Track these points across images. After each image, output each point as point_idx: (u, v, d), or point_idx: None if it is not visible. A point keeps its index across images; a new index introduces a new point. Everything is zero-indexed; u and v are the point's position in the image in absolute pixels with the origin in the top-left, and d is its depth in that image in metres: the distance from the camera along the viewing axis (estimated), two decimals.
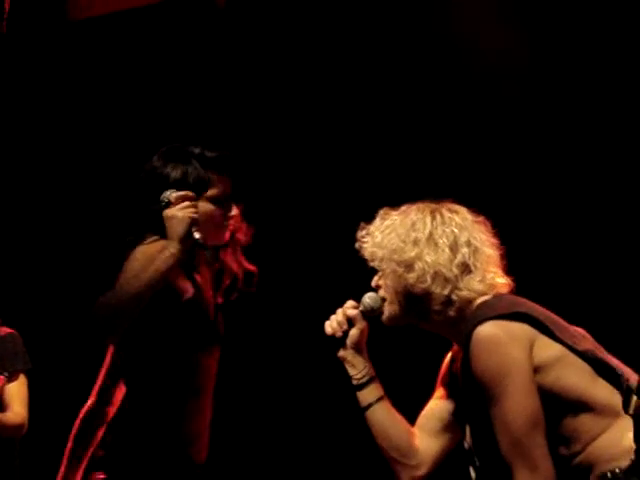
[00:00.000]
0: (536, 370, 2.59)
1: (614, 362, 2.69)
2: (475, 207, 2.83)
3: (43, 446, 4.43)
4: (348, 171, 4.72)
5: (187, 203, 3.22)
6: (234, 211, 3.34)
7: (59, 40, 5.09)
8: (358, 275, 2.89)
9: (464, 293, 2.70)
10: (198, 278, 3.35)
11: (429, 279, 2.70)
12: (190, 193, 3.25)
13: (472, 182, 4.33)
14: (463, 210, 2.81)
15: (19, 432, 4.05)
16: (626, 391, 2.49)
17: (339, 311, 2.92)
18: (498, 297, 2.72)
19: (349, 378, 2.91)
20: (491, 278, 2.73)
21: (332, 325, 2.91)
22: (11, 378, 4.00)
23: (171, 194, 3.24)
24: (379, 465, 4.49)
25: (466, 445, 2.78)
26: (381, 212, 2.84)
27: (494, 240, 2.80)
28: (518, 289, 2.79)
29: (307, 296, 4.55)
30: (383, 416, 2.87)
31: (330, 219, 4.62)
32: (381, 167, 4.65)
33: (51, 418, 4.64)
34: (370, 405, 2.88)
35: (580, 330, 2.76)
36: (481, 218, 2.81)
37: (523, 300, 2.71)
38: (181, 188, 3.28)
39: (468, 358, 2.62)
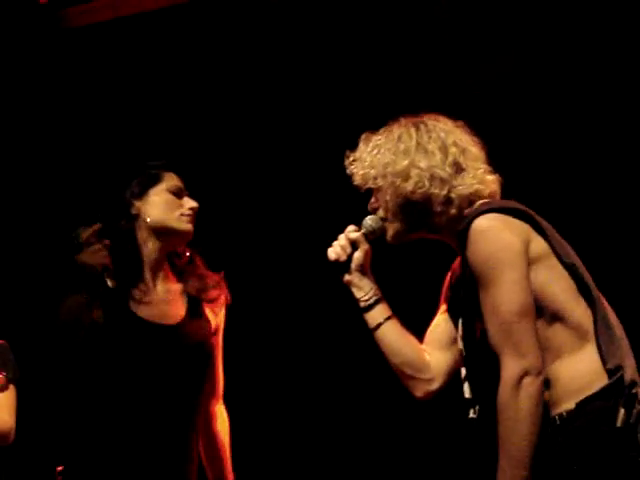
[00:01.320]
0: (529, 266, 2.62)
1: (590, 281, 2.72)
2: None
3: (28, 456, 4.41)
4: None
5: (98, 247, 3.23)
6: (194, 203, 3.33)
7: (52, 48, 5.09)
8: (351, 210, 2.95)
9: (461, 189, 2.76)
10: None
11: (427, 182, 2.76)
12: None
13: None
14: (443, 117, 2.88)
15: (5, 441, 3.99)
16: (612, 404, 2.54)
17: (341, 236, 2.96)
18: (499, 200, 2.80)
19: (356, 301, 2.95)
20: (481, 173, 2.80)
21: (335, 250, 2.94)
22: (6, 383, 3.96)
23: (81, 233, 3.25)
24: (380, 466, 4.61)
25: (460, 345, 2.82)
26: (363, 137, 2.89)
27: (477, 140, 2.87)
28: None
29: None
30: (393, 334, 2.91)
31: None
32: None
33: (38, 428, 4.61)
34: (379, 325, 2.91)
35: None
36: (460, 122, 2.88)
37: (523, 205, 2.77)
38: (138, 187, 3.33)
39: (465, 249, 2.66)
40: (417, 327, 2.99)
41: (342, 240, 2.95)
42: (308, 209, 4.72)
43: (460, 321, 2.79)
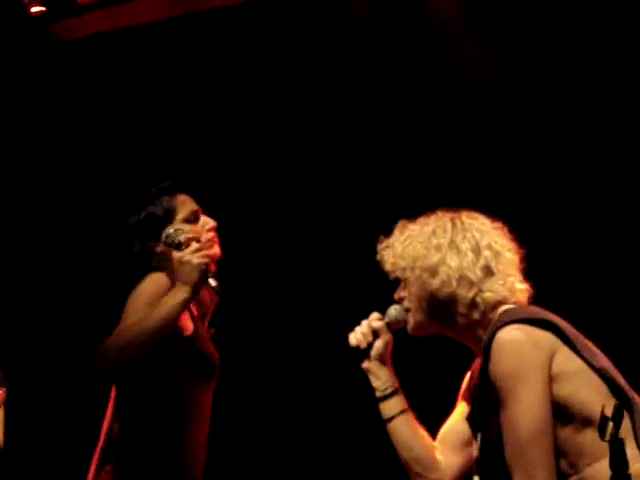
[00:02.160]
0: (554, 379, 2.58)
1: (623, 382, 2.70)
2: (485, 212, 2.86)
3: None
4: (362, 182, 4.74)
5: (197, 246, 3.14)
6: (211, 222, 3.31)
7: (44, 61, 5.07)
8: (380, 290, 2.90)
9: (488, 295, 2.71)
10: (194, 312, 3.31)
11: (454, 282, 2.71)
12: (197, 234, 3.21)
13: (478, 189, 4.36)
14: (481, 216, 2.83)
15: None
16: (602, 418, 2.50)
17: (364, 322, 2.92)
18: (524, 307, 2.75)
19: (372, 390, 2.90)
20: (512, 282, 2.75)
21: (357, 336, 2.90)
22: None
23: (178, 233, 3.18)
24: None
25: (475, 454, 2.77)
26: (399, 224, 2.86)
27: (513, 245, 2.82)
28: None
29: (328, 310, 4.54)
30: (406, 429, 2.86)
31: (348, 233, 4.63)
32: (389, 178, 4.67)
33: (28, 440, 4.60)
34: (393, 417, 2.87)
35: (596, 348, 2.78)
36: (499, 224, 2.83)
37: (548, 312, 2.72)
38: (154, 228, 3.27)
39: (487, 360, 2.61)
40: (433, 420, 2.94)
41: (364, 327, 2.91)
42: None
43: (478, 432, 2.73)
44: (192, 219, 3.28)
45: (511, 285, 2.74)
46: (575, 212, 4.43)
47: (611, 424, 2.45)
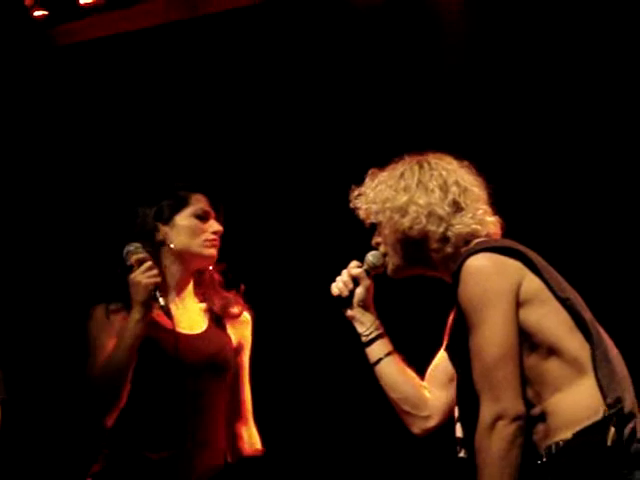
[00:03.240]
0: (521, 306, 2.62)
1: (588, 316, 2.70)
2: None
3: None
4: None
5: (148, 265, 3.24)
6: (218, 227, 3.41)
7: (46, 66, 5.11)
8: (358, 243, 2.98)
9: (458, 227, 2.77)
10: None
11: (424, 219, 2.78)
12: (148, 256, 3.28)
13: None
14: (447, 156, 2.90)
15: None
16: (603, 420, 2.55)
17: (344, 272, 3.01)
18: (494, 239, 2.80)
19: (358, 336, 2.99)
20: (481, 214, 2.81)
21: (338, 286, 3.00)
22: None
23: (130, 255, 3.26)
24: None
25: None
26: (369, 172, 2.93)
27: (481, 181, 2.88)
28: None
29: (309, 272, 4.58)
30: (393, 369, 2.94)
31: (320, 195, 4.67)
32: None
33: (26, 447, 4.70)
34: (379, 360, 2.95)
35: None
36: (466, 162, 2.90)
37: (519, 244, 2.75)
38: (164, 211, 3.38)
39: (457, 287, 2.66)
40: (420, 362, 3.01)
41: (344, 276, 3.00)
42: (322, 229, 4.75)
43: (455, 361, 2.80)
44: (201, 216, 3.38)
45: (481, 217, 2.80)
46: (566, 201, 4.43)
47: (613, 429, 2.52)
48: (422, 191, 2.80)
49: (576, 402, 2.59)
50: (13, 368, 3.75)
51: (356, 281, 2.99)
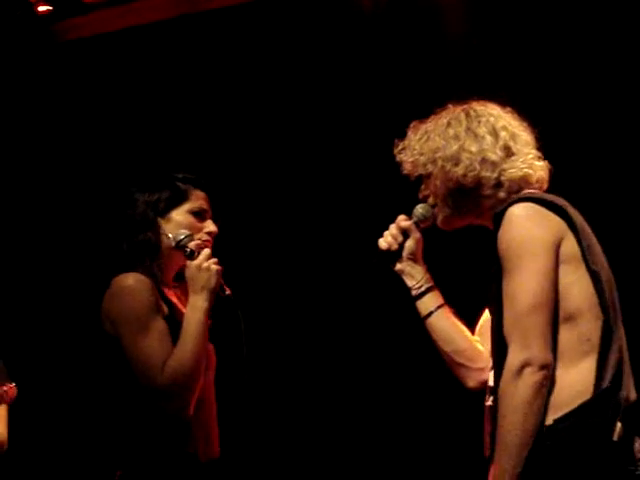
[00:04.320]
0: (559, 264, 2.58)
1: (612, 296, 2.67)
2: None
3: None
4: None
5: (209, 252, 3.16)
6: (213, 228, 3.28)
7: (50, 61, 5.10)
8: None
9: (511, 171, 2.76)
10: (172, 297, 3.28)
11: (478, 166, 2.75)
12: (207, 245, 3.20)
13: None
14: (492, 103, 2.88)
15: (1, 451, 3.95)
16: (612, 411, 2.53)
17: (392, 226, 2.96)
18: (543, 193, 2.78)
19: (408, 290, 2.94)
20: (531, 159, 2.79)
21: (387, 239, 2.95)
22: None
23: (188, 240, 3.18)
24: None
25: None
26: (411, 125, 2.90)
27: (526, 125, 2.86)
28: None
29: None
30: (445, 322, 2.90)
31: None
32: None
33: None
34: (431, 313, 2.91)
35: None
36: (510, 108, 2.88)
37: (566, 201, 2.72)
38: (162, 204, 3.27)
39: (497, 231, 2.63)
40: (471, 316, 2.98)
41: (393, 229, 2.95)
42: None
43: (491, 308, 2.74)
44: (197, 213, 3.27)
45: (531, 162, 2.79)
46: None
47: (620, 424, 2.51)
48: (472, 138, 2.78)
49: (573, 379, 2.55)
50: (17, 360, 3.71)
51: (405, 234, 2.94)
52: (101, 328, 3.14)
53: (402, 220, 2.95)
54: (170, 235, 3.20)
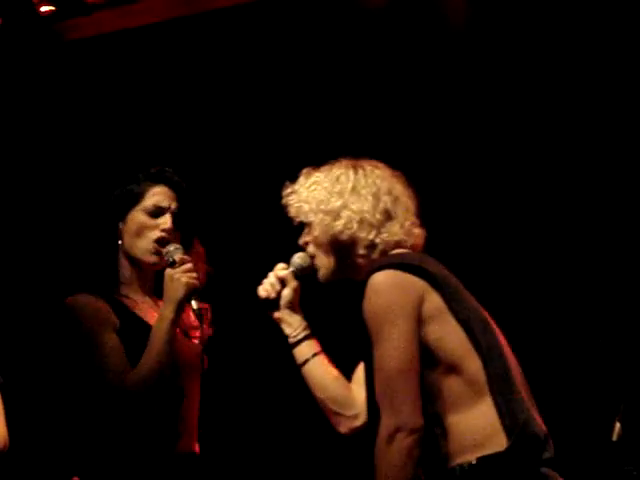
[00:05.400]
0: (423, 323, 2.68)
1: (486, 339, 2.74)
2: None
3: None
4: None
5: (190, 266, 3.19)
6: (167, 224, 3.26)
7: (53, 61, 5.15)
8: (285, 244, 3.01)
9: (385, 236, 2.84)
10: (140, 305, 3.33)
11: (355, 225, 2.84)
12: (190, 258, 3.22)
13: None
14: (382, 164, 2.95)
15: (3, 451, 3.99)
16: (507, 451, 2.59)
17: (270, 274, 3.04)
18: (411, 253, 2.85)
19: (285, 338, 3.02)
20: (409, 225, 2.87)
21: (265, 288, 3.04)
22: None
23: (176, 252, 3.21)
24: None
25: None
26: (304, 171, 2.97)
27: (411, 191, 2.94)
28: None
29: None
30: (319, 370, 2.98)
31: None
32: None
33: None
34: (307, 361, 2.99)
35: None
36: (398, 172, 2.95)
37: (433, 260, 2.82)
38: (118, 207, 3.30)
39: (362, 299, 2.72)
40: (348, 363, 3.03)
41: (271, 278, 3.03)
42: None
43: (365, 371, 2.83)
44: (152, 212, 3.27)
45: (409, 228, 2.87)
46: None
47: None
48: (355, 197, 2.86)
49: (474, 424, 2.65)
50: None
51: (283, 283, 3.02)
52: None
53: (280, 269, 3.03)
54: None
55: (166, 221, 3.25)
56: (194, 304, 3.19)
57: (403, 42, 4.71)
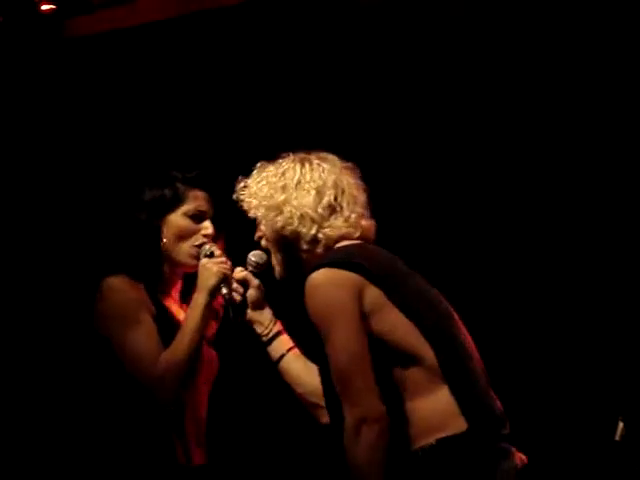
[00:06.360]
0: (367, 316, 2.66)
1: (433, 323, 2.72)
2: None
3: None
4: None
5: (222, 259, 3.23)
6: (209, 230, 3.31)
7: (54, 60, 5.09)
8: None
9: (328, 231, 2.80)
10: (171, 304, 3.36)
11: (296, 221, 2.81)
12: (222, 252, 3.26)
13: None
14: (332, 157, 2.91)
15: None
16: (466, 433, 2.58)
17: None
18: (355, 245, 2.81)
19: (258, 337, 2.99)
20: (355, 218, 2.83)
21: (229, 294, 3.05)
22: None
23: (213, 247, 3.25)
24: None
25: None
26: (258, 165, 2.96)
27: (361, 183, 2.90)
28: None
29: None
30: (296, 364, 2.97)
31: None
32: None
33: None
34: (282, 356, 2.98)
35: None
36: (350, 164, 2.92)
37: (376, 251, 2.79)
38: (158, 207, 3.31)
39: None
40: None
41: (232, 283, 3.05)
42: None
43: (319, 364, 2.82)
44: (194, 216, 3.30)
45: (355, 221, 2.82)
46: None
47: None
48: (299, 192, 2.84)
49: (434, 409, 2.65)
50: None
51: (245, 284, 3.02)
52: (93, 329, 3.27)
53: (238, 272, 3.05)
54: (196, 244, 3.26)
55: (208, 227, 3.29)
56: (224, 290, 3.16)
57: (402, 41, 4.60)
